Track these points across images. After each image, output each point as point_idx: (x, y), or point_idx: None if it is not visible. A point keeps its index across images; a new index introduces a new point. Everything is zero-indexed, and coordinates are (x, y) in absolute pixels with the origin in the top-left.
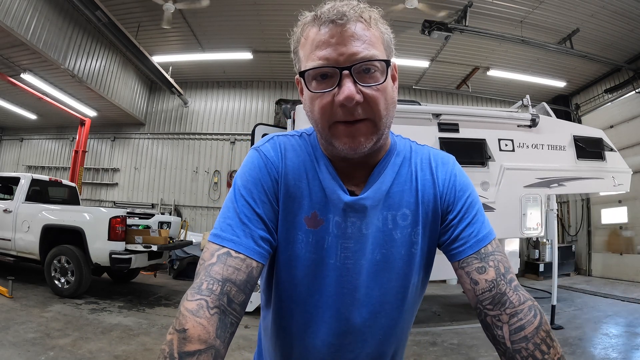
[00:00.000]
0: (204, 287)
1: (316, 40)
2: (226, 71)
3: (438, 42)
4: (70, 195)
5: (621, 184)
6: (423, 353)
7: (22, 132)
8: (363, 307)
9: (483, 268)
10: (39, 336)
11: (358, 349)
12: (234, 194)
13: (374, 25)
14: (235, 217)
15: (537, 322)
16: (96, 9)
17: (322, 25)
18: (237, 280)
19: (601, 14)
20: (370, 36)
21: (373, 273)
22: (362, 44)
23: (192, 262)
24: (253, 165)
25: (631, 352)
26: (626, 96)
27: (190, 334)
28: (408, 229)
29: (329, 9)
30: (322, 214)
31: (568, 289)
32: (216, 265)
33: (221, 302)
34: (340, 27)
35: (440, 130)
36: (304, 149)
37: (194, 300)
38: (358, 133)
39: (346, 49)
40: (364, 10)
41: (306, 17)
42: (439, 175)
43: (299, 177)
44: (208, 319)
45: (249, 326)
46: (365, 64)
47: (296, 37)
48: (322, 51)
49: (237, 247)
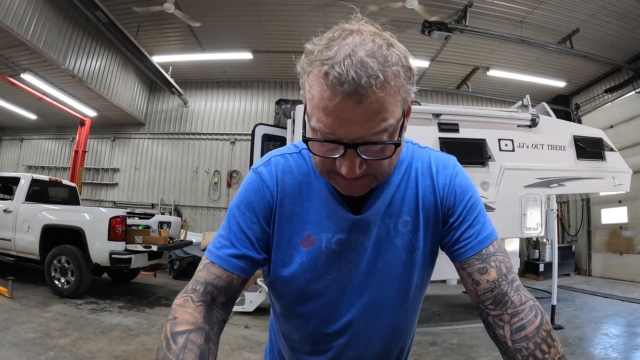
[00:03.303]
0: (189, 287)
1: (324, 102)
2: (226, 71)
3: (438, 42)
4: (70, 195)
5: (621, 184)
6: (423, 353)
7: (22, 132)
8: (366, 311)
9: (484, 269)
10: (39, 336)
11: (362, 348)
12: (228, 213)
13: (392, 78)
14: (226, 235)
15: (538, 322)
16: (96, 9)
17: (333, 92)
18: (219, 285)
19: (601, 14)
20: (386, 102)
21: (375, 279)
22: (375, 117)
23: (192, 262)
24: (248, 187)
25: (631, 352)
26: (626, 96)
27: (179, 320)
28: (409, 235)
29: (341, 71)
30: (315, 233)
31: (568, 289)
32: (201, 272)
33: (205, 298)
34: (354, 102)
35: (440, 130)
36: (302, 169)
37: (180, 297)
38: (357, 184)
39: (357, 128)
40: (383, 66)
41: (313, 55)
42: (439, 181)
43: (295, 200)
44: (194, 309)
45: (249, 326)
46: (373, 145)
47: (302, 69)
48: (329, 118)
49: (221, 262)
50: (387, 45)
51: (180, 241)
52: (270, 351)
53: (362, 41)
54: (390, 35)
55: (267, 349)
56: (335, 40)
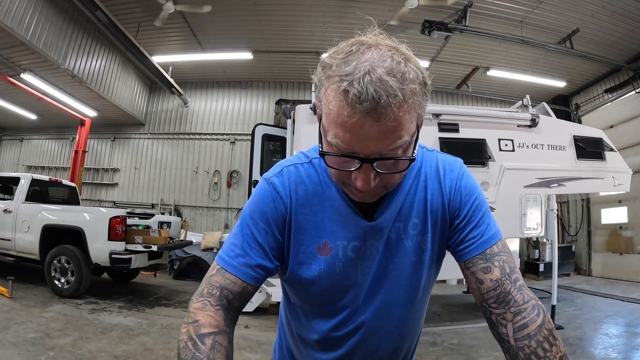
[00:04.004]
0: (204, 291)
1: (342, 118)
2: (226, 71)
3: (438, 42)
4: (70, 195)
5: (621, 184)
6: (423, 353)
7: (22, 132)
8: (378, 312)
9: (488, 268)
10: (39, 336)
11: (374, 347)
12: (241, 222)
13: (410, 97)
14: (239, 244)
15: (540, 321)
16: (96, 9)
17: (352, 110)
18: (234, 290)
19: (601, 14)
20: (402, 120)
21: (386, 280)
22: (392, 135)
23: (192, 262)
24: (262, 197)
25: (631, 352)
26: (626, 96)
27: (202, 322)
28: (418, 237)
29: (360, 89)
30: (331, 241)
31: (568, 289)
32: (215, 277)
33: (222, 302)
34: (372, 120)
35: (440, 130)
36: (313, 179)
37: (198, 301)
38: (370, 193)
39: (373, 144)
40: (402, 84)
41: (331, 70)
42: (446, 183)
43: (308, 210)
44: (214, 312)
45: (249, 326)
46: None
47: (319, 82)
48: (347, 134)
49: (236, 272)
50: (405, 61)
51: (180, 241)
52: (280, 348)
53: (381, 57)
54: (406, 48)
55: (276, 345)
56: (354, 54)
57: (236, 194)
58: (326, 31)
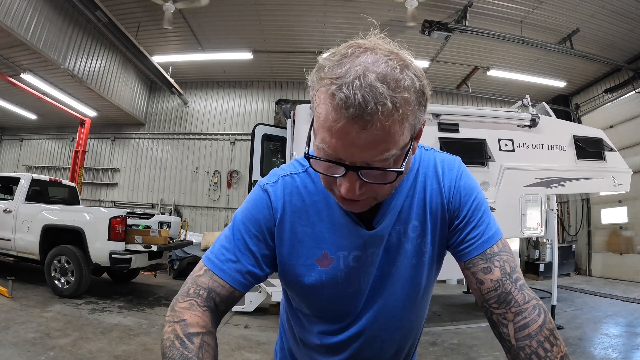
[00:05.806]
0: (191, 291)
1: (328, 122)
2: (226, 71)
3: (438, 42)
4: (70, 195)
5: (621, 184)
6: (423, 353)
7: (22, 132)
8: (380, 315)
9: (488, 268)
10: (39, 336)
11: (377, 349)
12: (232, 226)
13: (402, 105)
14: (231, 249)
15: (541, 321)
16: (96, 9)
17: (338, 115)
18: (221, 293)
19: (601, 14)
20: (391, 131)
21: (387, 283)
22: (379, 146)
23: (192, 262)
24: (255, 204)
25: (631, 352)
26: (626, 96)
27: (190, 322)
28: (418, 239)
29: (348, 93)
30: (331, 252)
31: (568, 289)
32: (203, 278)
33: (209, 304)
34: (359, 127)
35: (440, 130)
36: (310, 189)
37: (185, 301)
38: (357, 204)
39: (359, 152)
40: (394, 91)
41: (324, 72)
42: (445, 183)
43: (306, 221)
44: (202, 313)
45: (249, 326)
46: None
47: (312, 83)
48: (332, 139)
49: (225, 276)
50: (402, 68)
51: (180, 241)
52: (281, 349)
53: (376, 61)
54: (408, 54)
55: (277, 346)
56: (349, 57)
57: (236, 194)
58: (326, 31)
